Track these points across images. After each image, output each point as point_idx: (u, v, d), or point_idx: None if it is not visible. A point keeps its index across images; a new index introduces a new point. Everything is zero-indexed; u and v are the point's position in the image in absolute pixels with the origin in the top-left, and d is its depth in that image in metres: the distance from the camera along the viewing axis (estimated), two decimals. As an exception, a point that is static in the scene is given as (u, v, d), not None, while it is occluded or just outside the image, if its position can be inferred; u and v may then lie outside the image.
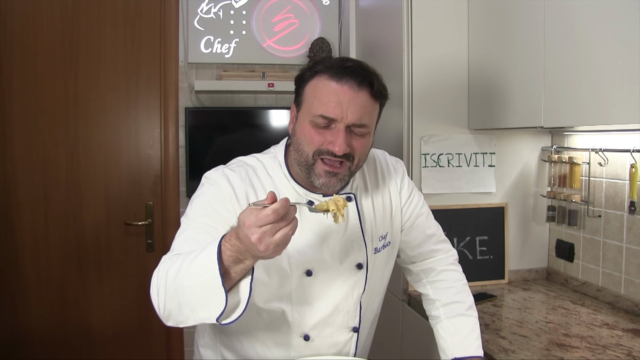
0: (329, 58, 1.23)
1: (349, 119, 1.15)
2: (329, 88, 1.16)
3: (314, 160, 1.18)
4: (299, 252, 1.25)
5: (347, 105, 1.15)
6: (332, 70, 1.17)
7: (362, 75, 1.16)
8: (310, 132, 1.18)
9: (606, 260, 1.99)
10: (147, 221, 2.91)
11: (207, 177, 1.27)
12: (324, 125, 1.17)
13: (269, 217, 0.89)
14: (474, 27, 2.15)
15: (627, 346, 1.57)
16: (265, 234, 0.90)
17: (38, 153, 2.80)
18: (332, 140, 1.16)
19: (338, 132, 1.16)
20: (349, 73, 1.16)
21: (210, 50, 2.92)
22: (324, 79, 1.17)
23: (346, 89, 1.15)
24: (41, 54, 2.77)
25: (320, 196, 1.27)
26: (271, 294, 1.28)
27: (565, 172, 2.12)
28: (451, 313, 1.39)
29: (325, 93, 1.16)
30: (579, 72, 1.56)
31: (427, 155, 2.17)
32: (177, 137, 2.93)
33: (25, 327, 2.82)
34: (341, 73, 1.16)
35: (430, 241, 1.46)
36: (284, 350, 1.32)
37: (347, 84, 1.15)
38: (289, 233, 0.92)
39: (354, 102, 1.15)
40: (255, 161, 1.32)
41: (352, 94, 1.15)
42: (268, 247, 0.91)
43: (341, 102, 1.15)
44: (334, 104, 1.15)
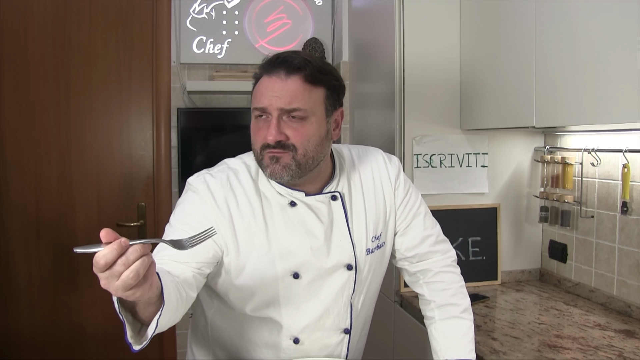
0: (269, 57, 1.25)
1: (276, 104, 1.16)
2: (261, 83, 1.20)
3: (262, 155, 1.20)
4: (285, 255, 1.24)
5: (276, 93, 1.17)
6: (265, 66, 1.21)
7: (289, 62, 1.18)
8: (253, 129, 1.22)
9: (599, 261, 1.98)
10: (140, 222, 2.90)
11: (189, 184, 1.28)
12: (261, 119, 1.19)
13: (98, 264, 0.82)
14: (465, 26, 2.14)
15: (619, 347, 1.56)
16: (108, 278, 0.83)
17: (29, 154, 2.78)
18: (266, 131, 1.18)
19: (270, 124, 1.17)
20: (277, 65, 1.18)
21: (203, 51, 2.90)
22: (263, 76, 1.21)
23: (274, 79, 1.18)
24: (32, 54, 2.75)
25: (302, 195, 1.25)
26: (259, 301, 1.26)
27: (558, 172, 2.12)
28: (446, 315, 1.38)
29: (258, 88, 1.20)
30: (570, 72, 1.55)
31: (419, 156, 2.16)
32: (169, 138, 2.91)
33: (17, 330, 2.80)
34: (270, 67, 1.19)
35: (427, 242, 1.42)
36: (274, 352, 1.31)
37: (275, 74, 1.18)
38: (129, 277, 0.82)
39: (283, 90, 1.17)
40: (239, 164, 1.31)
41: (280, 82, 1.17)
42: (117, 292, 0.85)
43: (269, 92, 1.17)
44: (263, 94, 1.18)
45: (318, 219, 1.26)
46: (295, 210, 1.25)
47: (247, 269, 1.23)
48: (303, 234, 1.25)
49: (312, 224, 1.26)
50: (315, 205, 1.27)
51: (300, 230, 1.25)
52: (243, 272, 1.24)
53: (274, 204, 1.25)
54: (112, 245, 0.82)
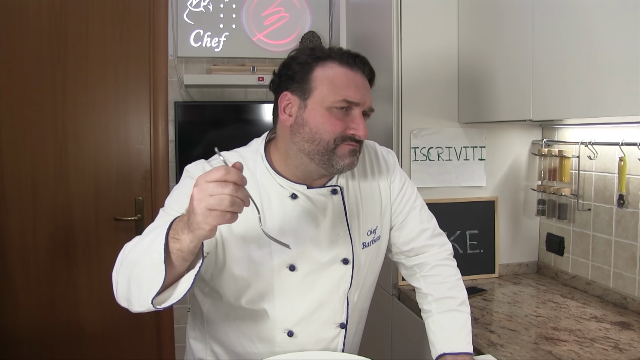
0: (323, 47, 1.24)
1: (367, 104, 1.20)
2: (346, 74, 1.19)
3: (335, 145, 1.18)
4: (282, 247, 1.24)
5: (364, 90, 1.20)
6: (341, 57, 1.20)
7: (367, 64, 1.23)
8: (329, 119, 1.18)
9: (595, 253, 1.99)
10: (137, 216, 2.90)
11: (187, 170, 1.27)
12: (342, 111, 1.18)
13: (219, 172, 0.87)
14: (463, 19, 2.14)
15: (614, 339, 1.57)
16: (205, 190, 0.87)
17: (26, 148, 2.77)
18: (353, 126, 1.18)
19: (358, 117, 1.19)
20: (359, 62, 1.21)
21: (200, 44, 2.90)
22: (335, 65, 1.19)
23: (359, 75, 1.20)
24: (28, 49, 2.74)
25: (304, 187, 1.25)
26: (253, 293, 1.26)
27: (555, 165, 2.12)
28: (443, 308, 1.38)
29: (344, 79, 1.18)
30: (568, 64, 1.55)
31: (416, 149, 2.17)
32: (167, 132, 2.91)
33: (13, 325, 2.80)
34: (352, 60, 1.20)
35: (423, 235, 1.42)
36: (268, 346, 1.31)
37: (358, 71, 1.20)
38: (225, 201, 0.87)
39: (367, 88, 1.21)
40: (236, 156, 1.30)
41: (364, 80, 1.21)
42: (200, 203, 0.88)
43: (359, 87, 1.19)
44: (354, 88, 1.18)
45: (318, 212, 1.26)
46: (296, 202, 1.25)
47: (243, 259, 1.23)
48: (302, 226, 1.25)
49: (312, 216, 1.26)
50: (316, 198, 1.26)
51: (299, 223, 1.25)
52: (239, 263, 1.24)
53: (273, 195, 1.25)
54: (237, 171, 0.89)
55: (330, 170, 1.21)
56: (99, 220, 2.87)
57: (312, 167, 1.22)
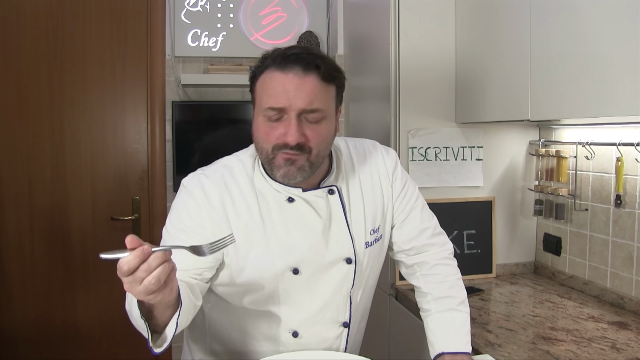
0: (276, 49, 1.19)
1: (297, 105, 1.12)
2: (275, 79, 1.13)
3: (273, 154, 1.16)
4: (284, 252, 1.23)
5: (294, 92, 1.12)
6: (276, 61, 1.14)
7: (305, 59, 1.13)
8: (264, 128, 1.16)
9: (592, 253, 1.99)
10: (134, 216, 2.89)
11: (183, 185, 1.26)
12: (275, 118, 1.14)
13: (122, 269, 0.88)
14: (461, 20, 2.14)
15: (612, 339, 1.58)
16: (131, 283, 0.89)
17: (22, 148, 2.76)
18: (284, 131, 1.13)
19: (289, 122, 1.13)
20: (292, 60, 1.13)
21: (197, 44, 2.89)
22: (271, 71, 1.14)
23: (291, 76, 1.12)
24: (25, 48, 2.73)
25: (299, 190, 1.24)
26: (258, 297, 1.26)
27: (552, 165, 2.13)
28: (442, 307, 1.37)
29: (272, 85, 1.13)
30: (566, 64, 1.56)
31: (414, 149, 2.17)
32: (164, 132, 2.90)
33: (9, 325, 2.79)
34: (285, 62, 1.13)
35: (424, 235, 1.42)
36: (273, 345, 1.31)
37: (291, 71, 1.12)
38: (151, 282, 0.88)
39: (301, 89, 1.12)
40: (234, 161, 1.29)
41: (297, 80, 1.12)
42: (139, 295, 0.91)
43: (287, 91, 1.12)
44: (280, 93, 1.12)
45: (316, 214, 1.26)
46: (293, 205, 1.25)
47: (247, 267, 1.23)
48: (301, 229, 1.24)
49: (311, 219, 1.25)
50: (313, 200, 1.26)
51: (298, 226, 1.24)
52: (243, 271, 1.24)
53: (271, 200, 1.24)
54: (135, 252, 0.88)
55: (277, 179, 1.20)
56: (95, 220, 2.86)
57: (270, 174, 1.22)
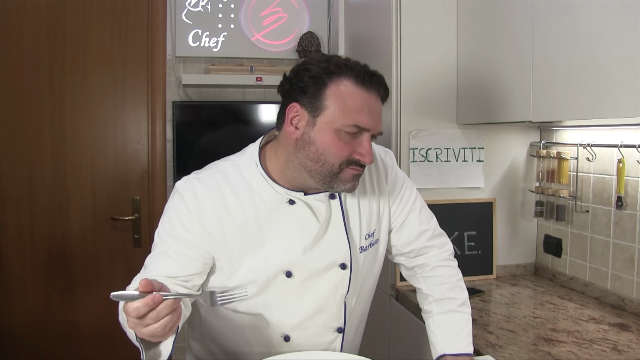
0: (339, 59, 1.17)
1: (378, 129, 1.16)
2: (360, 96, 1.13)
3: (340, 169, 1.16)
4: (278, 254, 1.22)
5: (377, 115, 1.15)
6: (358, 76, 1.13)
7: (383, 85, 1.17)
8: (337, 142, 1.14)
9: (593, 255, 1.99)
10: (134, 216, 2.89)
11: (176, 189, 1.25)
12: (351, 135, 1.14)
13: (132, 313, 0.89)
14: (462, 21, 2.14)
15: (613, 340, 1.58)
16: (136, 324, 0.91)
17: (23, 147, 2.76)
18: (360, 151, 1.15)
19: (366, 143, 1.15)
20: (375, 81, 1.15)
21: (198, 44, 2.89)
22: (350, 84, 1.13)
23: (374, 97, 1.15)
24: (26, 48, 2.73)
25: (301, 194, 1.23)
26: (250, 300, 1.26)
27: (553, 167, 2.13)
28: (443, 309, 1.37)
29: (358, 101, 1.12)
30: (568, 66, 1.56)
31: (415, 150, 2.17)
32: (165, 132, 2.90)
33: (9, 324, 2.79)
34: (368, 80, 1.14)
35: (423, 237, 1.41)
36: (265, 348, 1.30)
37: (374, 93, 1.15)
38: (157, 329, 0.91)
39: (379, 113, 1.16)
40: (228, 165, 1.27)
41: (378, 103, 1.16)
42: (143, 334, 0.93)
43: (372, 112, 1.14)
44: (367, 113, 1.13)
45: (315, 218, 1.24)
46: (293, 208, 1.23)
47: (240, 270, 1.23)
48: (297, 232, 1.23)
49: (309, 222, 1.24)
50: (314, 204, 1.24)
51: (294, 229, 1.23)
52: (235, 274, 1.23)
53: (270, 202, 1.23)
54: (146, 300, 0.89)
55: (329, 190, 1.20)
56: (96, 220, 2.86)
57: (310, 183, 1.20)
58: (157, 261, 1.20)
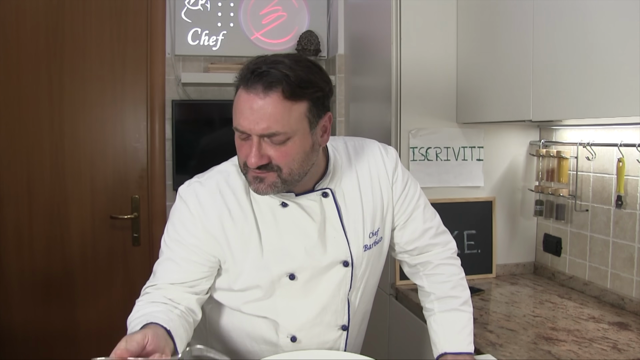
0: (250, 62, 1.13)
1: (255, 130, 1.08)
2: (241, 98, 1.09)
3: (245, 170, 1.15)
4: (279, 258, 1.22)
5: (254, 115, 1.07)
6: (244, 78, 1.09)
7: (267, 78, 1.06)
8: (238, 144, 1.15)
9: (593, 254, 2.00)
10: (133, 215, 2.88)
11: (179, 194, 1.25)
12: (243, 138, 1.12)
13: None
14: (463, 20, 2.14)
15: (613, 339, 1.58)
16: None
17: (22, 146, 2.75)
18: (248, 152, 1.11)
19: (251, 144, 1.10)
20: (255, 77, 1.07)
21: (198, 43, 2.88)
22: (240, 88, 1.11)
23: (252, 96, 1.07)
24: (25, 47, 2.72)
25: (292, 195, 1.22)
26: (256, 302, 1.26)
27: (553, 166, 2.13)
28: (445, 307, 1.37)
29: (238, 104, 1.10)
30: (568, 65, 1.56)
31: (415, 149, 2.17)
32: (164, 130, 2.89)
33: (8, 323, 2.78)
34: (248, 79, 1.08)
35: (427, 235, 1.40)
36: (272, 348, 1.31)
37: (253, 90, 1.07)
38: None
39: (260, 111, 1.07)
40: (229, 166, 1.28)
41: (258, 101, 1.06)
42: None
43: (251, 112, 1.07)
44: (244, 114, 1.08)
45: (310, 218, 1.24)
46: (287, 210, 1.23)
47: (243, 274, 1.23)
48: (296, 234, 1.23)
49: (305, 223, 1.23)
50: (306, 204, 1.24)
51: (293, 231, 1.23)
52: (239, 277, 1.24)
53: (264, 206, 1.23)
54: None
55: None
56: (95, 219, 2.85)
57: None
58: (164, 268, 1.23)
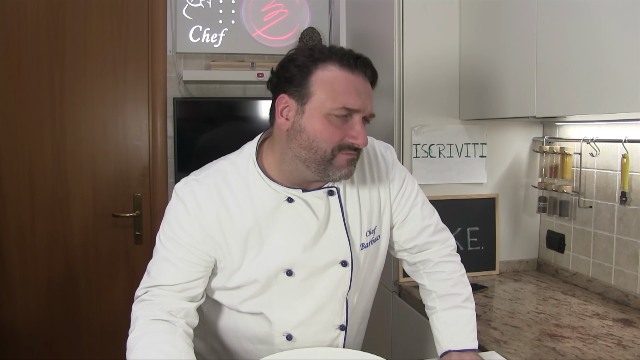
0: (323, 46, 1.17)
1: (368, 110, 1.14)
2: (346, 79, 1.12)
3: (332, 155, 1.14)
4: (278, 253, 1.21)
5: (365, 96, 1.14)
6: (342, 59, 1.13)
7: (371, 66, 1.16)
8: (327, 127, 1.12)
9: (597, 251, 1.99)
10: (135, 213, 2.88)
11: (175, 192, 1.24)
12: (340, 118, 1.12)
13: None
14: (465, 15, 2.13)
15: (618, 336, 1.57)
16: None
17: (24, 144, 2.75)
18: (352, 134, 1.13)
19: (357, 125, 1.14)
20: (360, 64, 1.14)
21: (199, 40, 2.88)
22: (335, 69, 1.12)
23: (361, 79, 1.14)
24: (26, 45, 2.71)
25: (299, 191, 1.21)
26: (251, 299, 1.26)
27: (556, 162, 2.12)
28: (447, 305, 1.36)
29: (344, 84, 1.12)
30: (572, 61, 1.55)
31: (418, 146, 2.16)
32: (165, 128, 2.89)
33: (11, 322, 2.78)
34: (353, 62, 1.13)
35: (426, 232, 1.39)
36: (267, 346, 1.30)
37: (360, 74, 1.14)
38: None
39: (369, 93, 1.15)
40: (227, 164, 1.26)
41: (365, 84, 1.15)
42: None
43: (360, 93, 1.12)
44: (354, 94, 1.12)
45: (314, 215, 1.23)
46: (291, 206, 1.22)
47: (241, 269, 1.22)
48: (297, 230, 1.22)
49: (308, 220, 1.22)
50: (312, 201, 1.23)
51: (294, 227, 1.22)
52: (236, 273, 1.23)
53: (268, 201, 1.22)
54: None
55: (326, 178, 1.18)
56: (97, 217, 2.85)
57: (307, 174, 1.18)
58: (159, 268, 1.22)
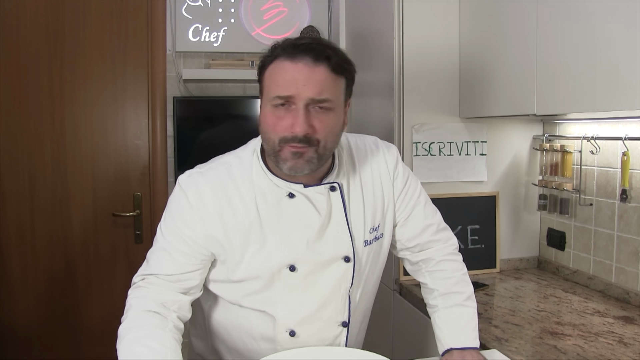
0: (287, 39, 1.17)
1: (306, 94, 1.10)
2: (284, 68, 1.12)
3: (280, 147, 1.14)
4: (281, 248, 1.21)
5: (304, 82, 1.10)
6: (286, 50, 1.12)
7: (316, 50, 1.11)
8: (271, 118, 1.14)
9: (597, 248, 1.99)
10: (135, 212, 2.88)
11: (179, 183, 1.25)
12: (282, 108, 1.12)
13: None
14: (465, 14, 2.13)
15: (619, 333, 1.57)
16: None
17: (23, 144, 2.74)
18: (292, 122, 1.11)
19: (297, 112, 1.11)
20: (302, 50, 1.11)
21: (199, 39, 2.87)
22: (280, 60, 1.13)
23: (301, 66, 1.10)
24: (25, 44, 2.70)
25: (300, 186, 1.21)
26: (254, 295, 1.26)
27: (556, 160, 2.12)
28: (449, 303, 1.36)
29: (281, 74, 1.12)
30: (572, 58, 1.55)
31: (418, 144, 2.16)
32: (165, 127, 2.89)
33: (11, 322, 2.78)
34: (295, 51, 1.11)
35: (428, 231, 1.40)
36: (270, 344, 1.30)
37: (301, 61, 1.11)
38: None
39: (310, 78, 1.10)
40: (232, 158, 1.27)
41: (307, 70, 1.10)
42: None
43: (296, 80, 1.10)
44: (289, 82, 1.10)
45: (316, 211, 1.23)
46: (293, 202, 1.22)
47: (243, 264, 1.22)
48: (299, 226, 1.22)
49: (310, 215, 1.23)
50: (313, 196, 1.23)
51: (296, 223, 1.22)
52: (238, 267, 1.23)
53: (270, 196, 1.22)
54: None
55: (286, 171, 1.17)
56: (97, 216, 2.85)
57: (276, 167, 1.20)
58: (157, 257, 1.24)
